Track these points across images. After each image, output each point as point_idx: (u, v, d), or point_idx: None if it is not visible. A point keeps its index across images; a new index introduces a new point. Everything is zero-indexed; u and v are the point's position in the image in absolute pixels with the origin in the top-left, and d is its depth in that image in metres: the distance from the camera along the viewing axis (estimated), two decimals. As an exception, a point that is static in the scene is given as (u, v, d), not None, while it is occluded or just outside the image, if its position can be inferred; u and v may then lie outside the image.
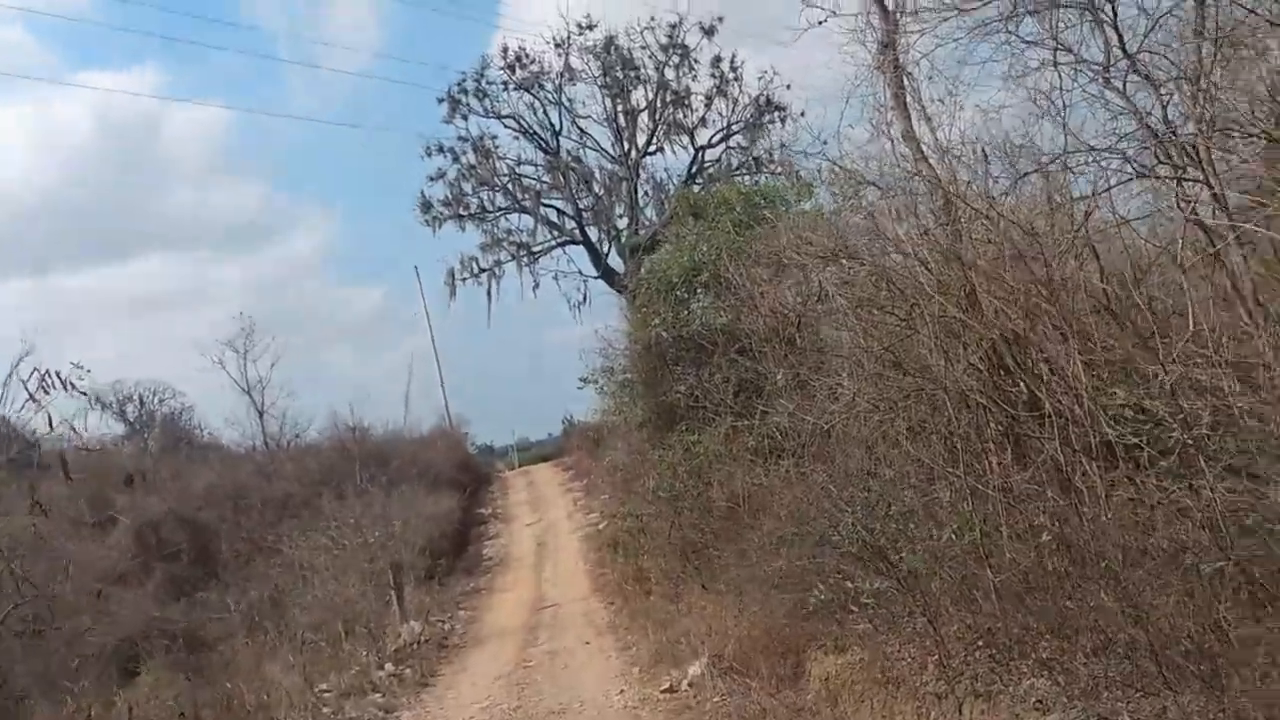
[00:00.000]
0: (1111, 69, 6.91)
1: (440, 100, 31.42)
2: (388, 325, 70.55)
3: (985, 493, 6.73)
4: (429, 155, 31.86)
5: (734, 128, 30.46)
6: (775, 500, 12.10)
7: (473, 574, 24.75)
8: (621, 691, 10.32)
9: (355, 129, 70.60)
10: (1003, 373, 7.23)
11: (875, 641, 7.95)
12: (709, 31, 30.41)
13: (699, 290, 17.35)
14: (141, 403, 41.77)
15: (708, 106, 30.58)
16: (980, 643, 6.39)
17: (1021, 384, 7.18)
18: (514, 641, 15.77)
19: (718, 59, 30.78)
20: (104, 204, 60.97)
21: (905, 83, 8.80)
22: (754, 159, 30.23)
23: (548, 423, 51.46)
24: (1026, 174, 7.60)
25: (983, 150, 7.72)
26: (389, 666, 14.51)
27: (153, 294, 61.76)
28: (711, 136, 31.07)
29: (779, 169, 26.55)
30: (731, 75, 30.28)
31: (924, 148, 8.76)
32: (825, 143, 17.74)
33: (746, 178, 25.48)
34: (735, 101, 30.38)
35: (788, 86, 30.32)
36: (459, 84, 31.60)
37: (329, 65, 61.73)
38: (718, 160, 30.89)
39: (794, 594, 9.60)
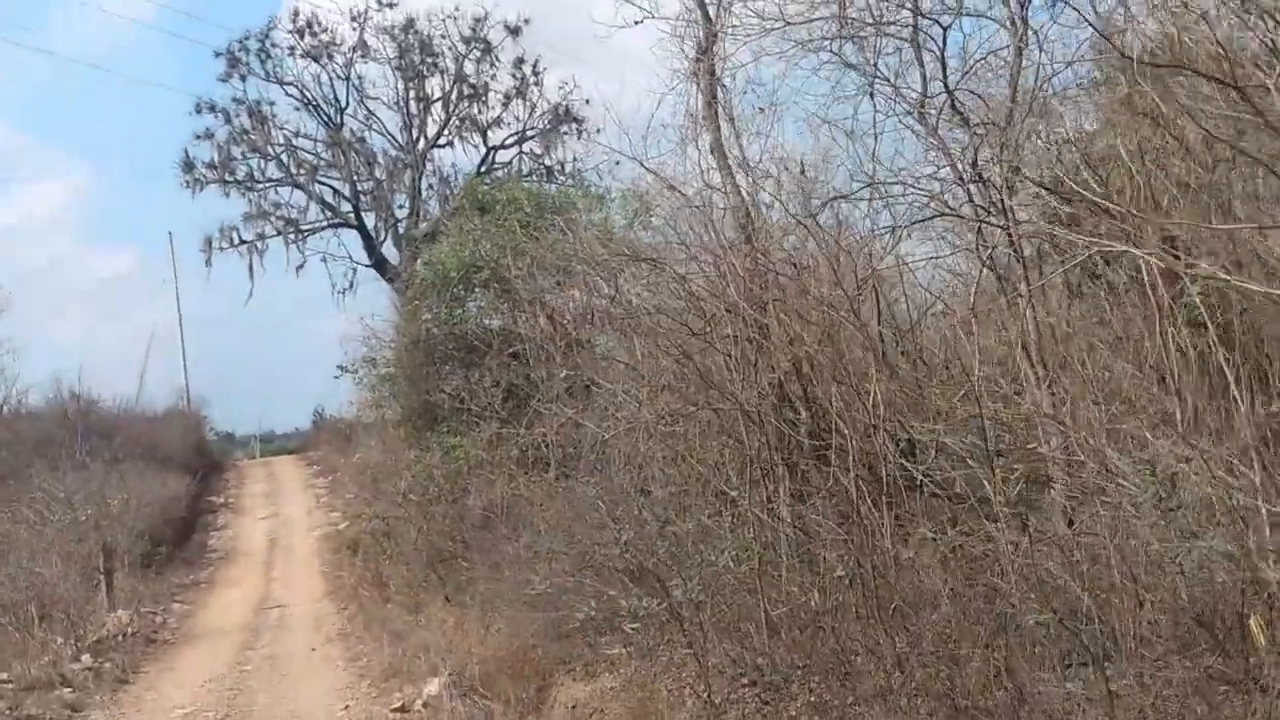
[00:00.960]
0: (927, 104, 6.86)
1: (218, 55, 29.30)
2: (133, 294, 65.43)
3: (767, 520, 6.45)
4: (198, 112, 29.61)
5: (529, 132, 29.89)
6: (537, 513, 11.59)
7: (195, 565, 22.90)
8: (346, 707, 9.41)
9: (117, 79, 64.99)
10: (791, 400, 7.03)
11: (630, 669, 7.54)
12: (514, 31, 29.78)
13: (477, 288, 16.66)
14: None
15: (505, 106, 29.90)
16: (747, 679, 6.09)
17: (803, 413, 6.99)
18: (232, 642, 14.48)
19: (520, 60, 30.19)
20: None
21: (719, 93, 8.55)
22: (545, 167, 29.72)
23: (296, 416, 48.84)
24: (832, 199, 7.47)
25: (792, 168, 7.54)
26: (86, 659, 12.95)
27: None
28: (505, 138, 30.36)
29: (570, 181, 26.18)
30: (533, 79, 29.76)
31: (731, 162, 8.54)
32: (618, 163, 17.69)
33: (537, 185, 24.87)
34: (534, 106, 29.86)
35: (587, 101, 30.13)
36: (241, 41, 29.59)
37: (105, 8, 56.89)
38: (509, 163, 30.19)
39: (548, 613, 9.09)
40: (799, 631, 6.02)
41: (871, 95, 7.16)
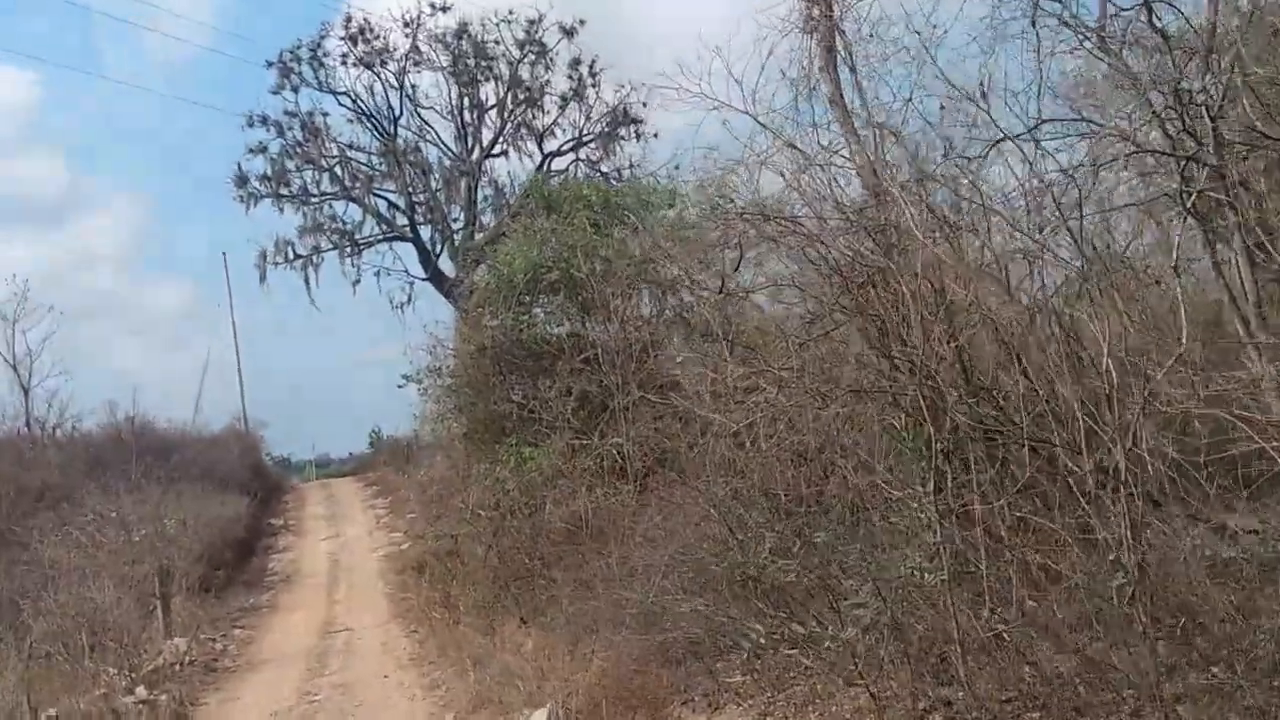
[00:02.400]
0: (1110, 24, 5.79)
1: (269, 65, 28.80)
2: (191, 324, 65.54)
3: (941, 522, 5.38)
4: (250, 126, 29.09)
5: (586, 137, 29.05)
6: (626, 525, 10.57)
7: (255, 589, 22.15)
8: (434, 745, 8.45)
9: (173, 102, 65.42)
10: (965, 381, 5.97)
11: (761, 701, 6.49)
12: (569, 32, 28.96)
13: (544, 293, 15.71)
14: (-112, 379, 36.46)
15: (561, 110, 29.02)
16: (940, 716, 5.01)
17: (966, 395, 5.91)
18: (298, 669, 13.59)
19: (576, 61, 29.34)
20: None
21: (838, 40, 7.53)
22: (602, 174, 28.84)
23: (351, 441, 48.26)
24: (997, 143, 6.37)
25: (938, 109, 6.47)
26: (141, 690, 12.14)
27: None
28: (561, 144, 29.51)
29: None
30: (590, 80, 28.93)
31: (855, 116, 7.50)
32: (677, 167, 16.70)
33: (604, 182, 23.88)
34: (590, 109, 29.00)
35: (644, 104, 29.22)
36: (292, 50, 29.07)
37: (158, 29, 57.14)
38: (564, 171, 29.36)
39: (652, 635, 8.05)
40: (1012, 656, 4.94)
41: (1034, 22, 6.10)
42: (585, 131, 28.99)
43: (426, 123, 29.54)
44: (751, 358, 11.61)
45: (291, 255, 28.93)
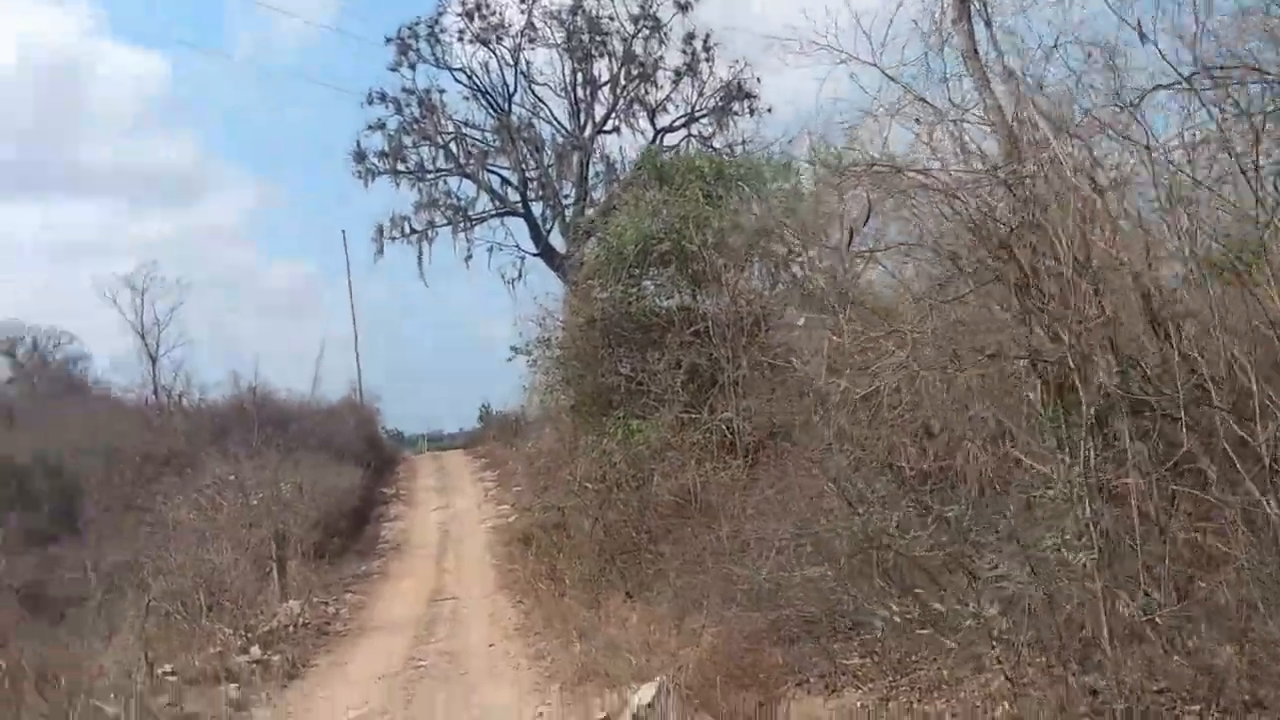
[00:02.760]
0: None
1: (388, 41, 29.09)
2: (311, 301, 67.32)
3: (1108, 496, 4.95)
4: (369, 103, 29.47)
5: (699, 113, 28.66)
6: (738, 499, 10.28)
7: (367, 556, 22.56)
8: (540, 715, 8.26)
9: (299, 88, 67.06)
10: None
11: (883, 685, 6.15)
12: (684, 6, 28.50)
13: (653, 266, 15.45)
14: (35, 345, 38.38)
15: (675, 85, 28.64)
16: (1086, 708, 4.62)
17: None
18: (405, 636, 13.69)
19: (691, 36, 28.83)
20: (22, 140, 56.82)
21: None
22: (715, 149, 28.37)
23: (462, 417, 48.85)
24: (1153, 89, 5.84)
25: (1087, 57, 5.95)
26: (255, 650, 12.36)
27: (65, 240, 57.78)
28: (674, 120, 29.15)
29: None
30: (703, 55, 28.44)
31: (990, 70, 7.03)
32: (790, 141, 16.19)
33: (717, 154, 23.41)
34: (704, 84, 28.56)
35: (758, 79, 28.70)
36: (410, 26, 29.33)
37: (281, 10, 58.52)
38: (676, 146, 28.94)
39: (765, 612, 7.76)
40: (1165, 643, 4.52)
41: (1197, -43, 5.57)
42: (698, 107, 28.61)
43: (540, 99, 29.62)
44: (876, 322, 11.20)
45: (407, 230, 29.30)
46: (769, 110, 27.37)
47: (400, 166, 29.04)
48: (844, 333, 11.35)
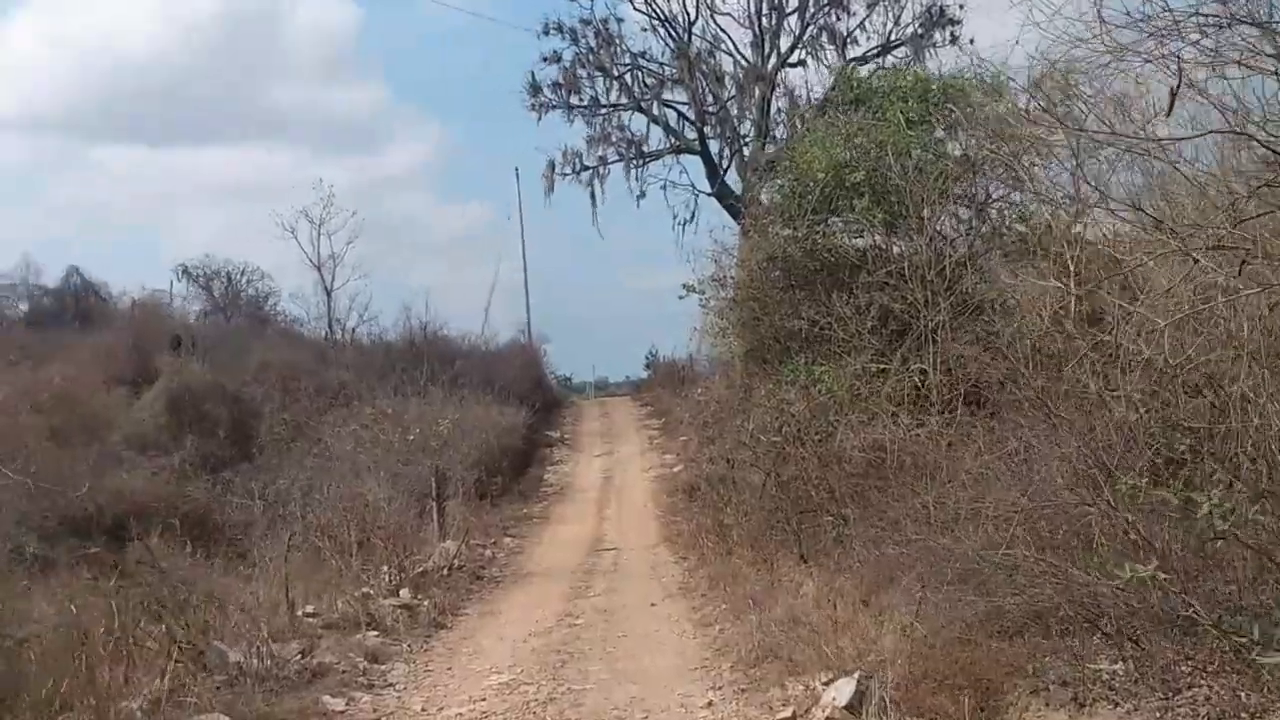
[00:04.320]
0: None
1: (567, -36, 27.89)
2: (486, 245, 68.00)
3: None
4: (545, 34, 28.49)
5: (894, 42, 26.45)
6: (944, 461, 8.83)
7: (529, 499, 22.16)
8: (710, 703, 7.06)
9: (486, 32, 67.13)
10: None
11: (1150, 705, 4.72)
12: (879, -77, 26.24)
13: (840, 201, 13.90)
14: (229, 280, 39.57)
15: (869, 11, 26.53)
16: None
17: None
18: (562, 587, 12.85)
19: (889, -46, 26.56)
20: (219, 86, 59.07)
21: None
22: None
23: (629, 365, 48.27)
24: None
25: None
26: (404, 593, 11.69)
27: (254, 182, 59.87)
28: (867, 51, 26.90)
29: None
30: (905, -26, 26.14)
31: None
32: (1004, 62, 14.27)
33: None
34: (901, 9, 26.27)
35: (961, 5, 26.32)
36: (591, -51, 28.07)
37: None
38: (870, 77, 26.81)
39: (984, 597, 6.37)
40: None
41: None
42: (894, 35, 26.46)
43: (722, 29, 28.01)
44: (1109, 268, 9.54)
45: (578, 166, 28.31)
46: (972, 41, 24.96)
47: (575, 100, 28.07)
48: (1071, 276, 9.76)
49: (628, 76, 28.28)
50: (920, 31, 25.57)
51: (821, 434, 11.63)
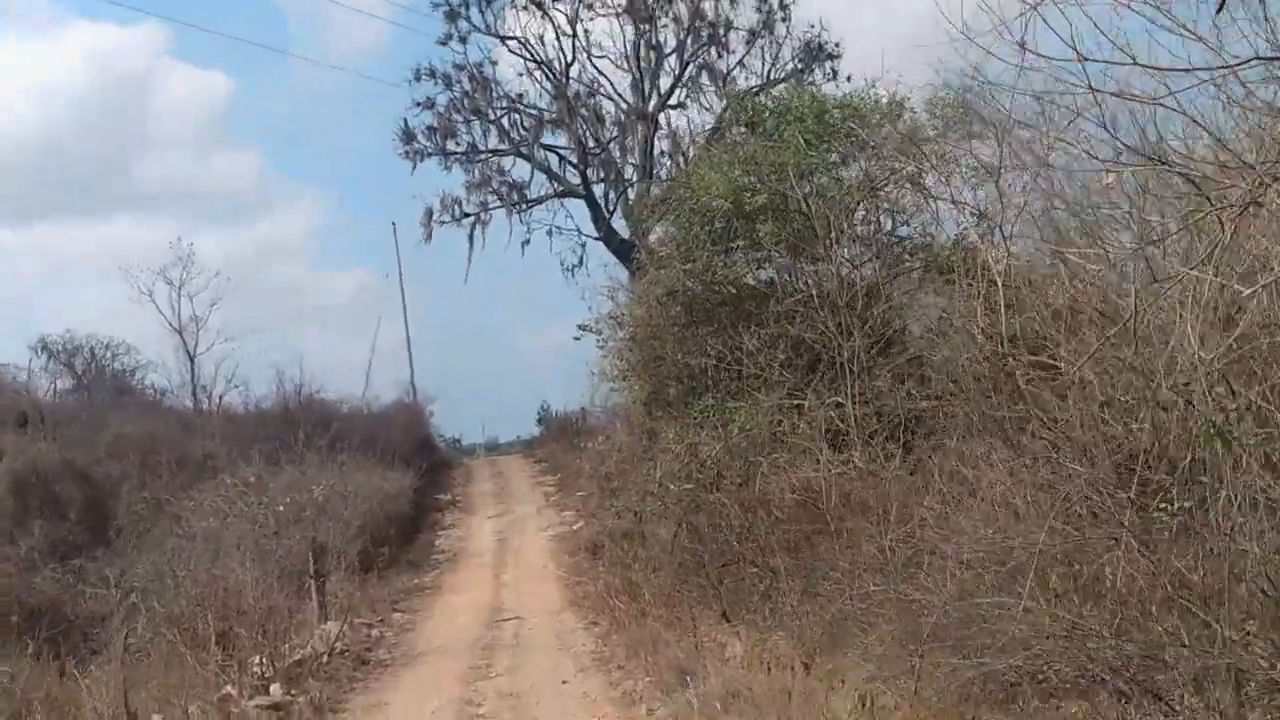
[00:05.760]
0: None
1: (436, 6, 26.89)
2: (370, 307, 65.66)
3: None
4: (417, 79, 27.24)
5: (774, 77, 26.00)
6: (894, 502, 7.82)
7: (420, 569, 20.43)
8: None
9: (359, 98, 65.36)
10: None
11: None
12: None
13: (750, 221, 13.01)
14: (93, 354, 36.84)
15: (749, 46, 26.05)
16: None
17: None
18: (459, 666, 11.44)
19: (766, -11, 26.23)
20: (89, 158, 56.11)
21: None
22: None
23: (519, 425, 46.71)
24: None
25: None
26: (276, 689, 10.16)
27: (126, 255, 56.86)
28: (747, 90, 26.40)
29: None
30: (780, 12, 25.74)
31: None
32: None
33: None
34: (780, 46, 25.89)
35: (837, 44, 26.13)
36: (462, -10, 27.03)
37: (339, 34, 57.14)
38: (749, 116, 26.27)
39: (962, 657, 5.32)
40: None
41: None
42: (773, 73, 26.00)
43: (601, 72, 27.22)
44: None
45: (459, 213, 27.02)
46: (849, 79, 24.71)
47: (451, 146, 26.86)
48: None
49: (505, 120, 27.21)
50: (800, 67, 25.21)
51: (742, 477, 10.58)
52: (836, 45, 25.87)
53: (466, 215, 27.24)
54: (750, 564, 10.22)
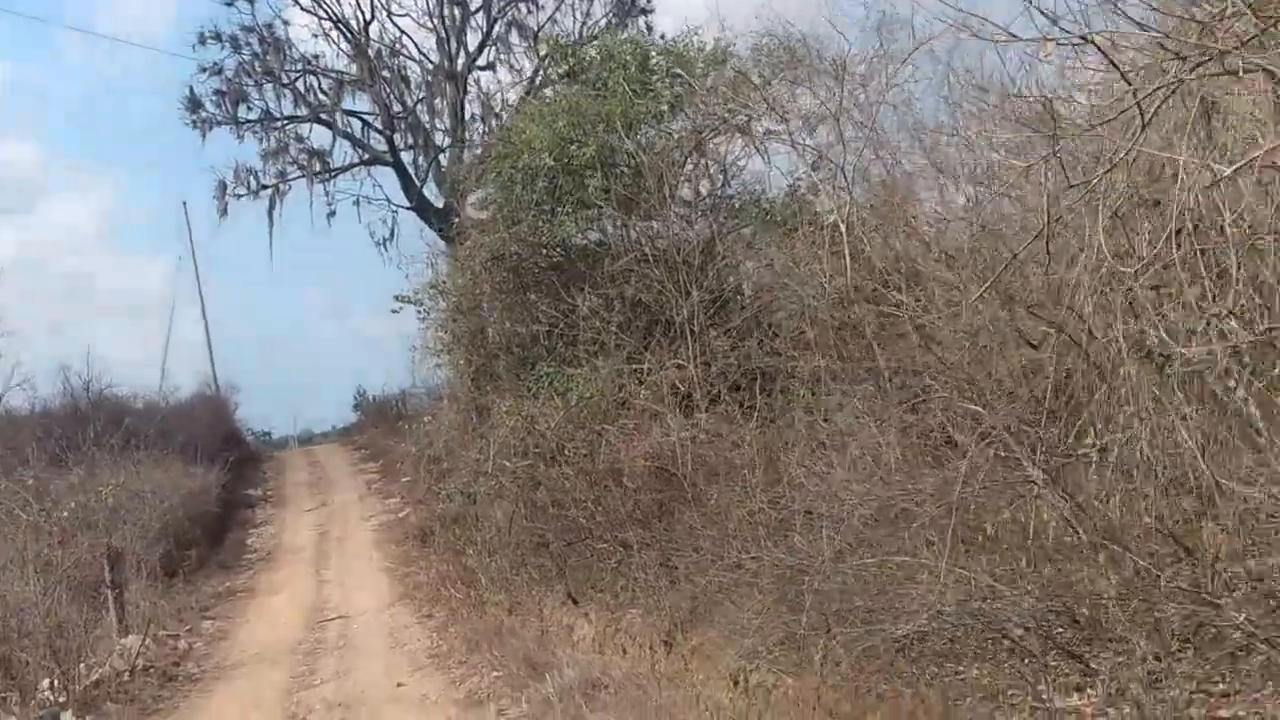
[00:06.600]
0: None
1: (215, -38, 24.71)
2: (167, 296, 61.19)
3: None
4: (202, 43, 25.12)
5: (587, 35, 25.13)
6: (752, 463, 7.25)
7: (231, 570, 18.90)
8: None
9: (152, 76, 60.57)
10: None
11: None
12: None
13: (578, 176, 12.24)
14: None
15: (559, 1, 25.10)
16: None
17: None
18: (280, 675, 10.34)
19: (577, -59, 25.26)
20: None
21: None
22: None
23: (335, 413, 44.42)
24: None
25: None
26: (68, 716, 8.86)
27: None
28: (568, 40, 25.36)
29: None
30: (593, -36, 24.88)
31: None
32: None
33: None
34: (592, 1, 25.02)
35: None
36: (245, -53, 25.01)
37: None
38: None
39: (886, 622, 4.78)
40: None
41: None
42: (585, 29, 25.15)
43: (403, 31, 25.76)
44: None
45: (255, 185, 25.14)
46: (663, 36, 24.22)
47: (243, 114, 24.92)
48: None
49: (301, 84, 25.42)
50: (614, 22, 24.45)
51: (587, 447, 9.87)
52: (648, 1, 25.30)
53: (265, 187, 25.34)
54: (599, 539, 9.52)
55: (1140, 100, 3.38)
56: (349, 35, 24.98)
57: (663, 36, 16.61)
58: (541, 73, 20.82)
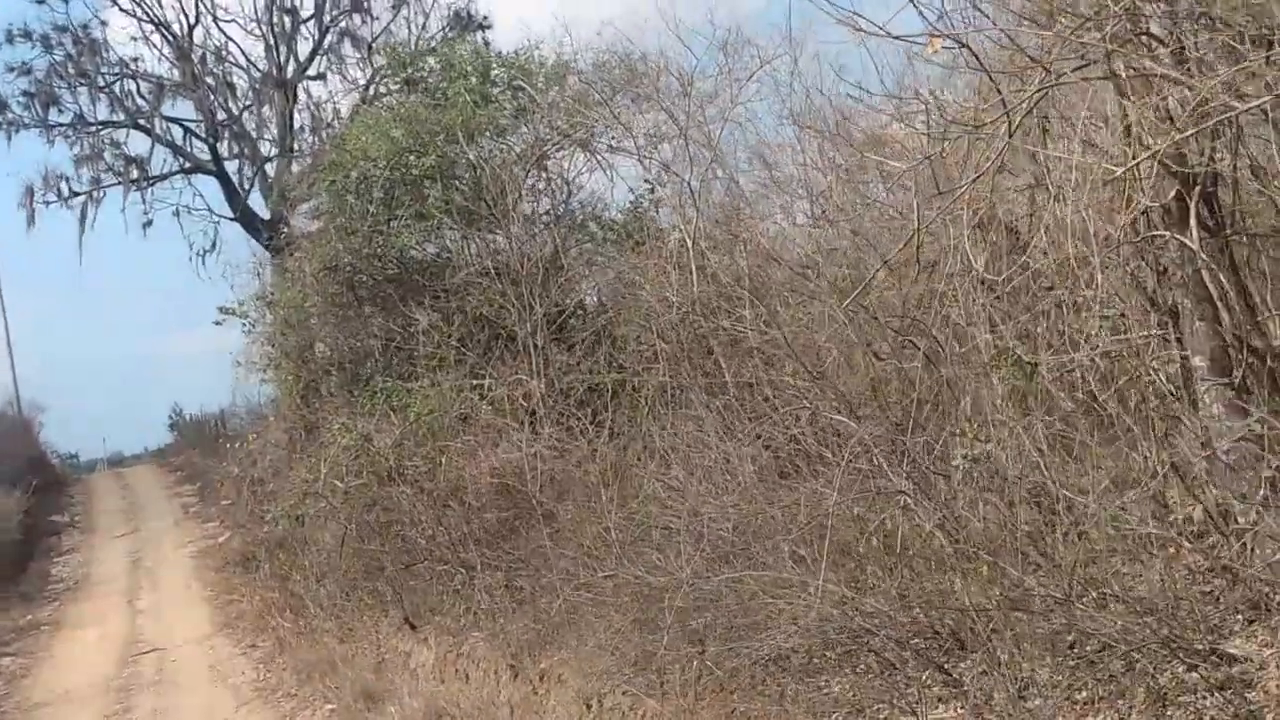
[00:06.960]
0: None
1: (26, -41, 23.11)
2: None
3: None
4: (9, 42, 23.45)
5: (423, 47, 24.59)
6: (604, 481, 7.09)
7: (33, 602, 17.54)
8: None
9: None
10: None
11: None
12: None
13: (416, 187, 11.90)
14: None
15: (395, 12, 24.47)
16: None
17: None
18: (88, 717, 9.58)
19: (412, -49, 24.70)
20: None
21: None
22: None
23: (148, 436, 42.06)
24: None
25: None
26: None
27: None
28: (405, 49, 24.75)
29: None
30: (427, -24, 24.40)
31: None
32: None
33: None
34: (428, 13, 24.59)
35: (486, 16, 25.28)
36: (55, -57, 23.49)
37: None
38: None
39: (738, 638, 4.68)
40: None
41: None
42: (421, 42, 24.65)
43: (229, 37, 24.64)
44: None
45: (66, 192, 23.54)
46: (500, 53, 24.00)
47: (54, 117, 23.37)
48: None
49: (118, 88, 24.03)
50: (451, 35, 24.07)
51: (427, 465, 9.53)
52: (485, 17, 25.08)
53: (76, 194, 23.77)
54: (439, 561, 9.20)
55: (1010, 111, 3.42)
56: (171, 39, 23.79)
57: (499, 53, 16.56)
58: (377, 83, 20.23)
